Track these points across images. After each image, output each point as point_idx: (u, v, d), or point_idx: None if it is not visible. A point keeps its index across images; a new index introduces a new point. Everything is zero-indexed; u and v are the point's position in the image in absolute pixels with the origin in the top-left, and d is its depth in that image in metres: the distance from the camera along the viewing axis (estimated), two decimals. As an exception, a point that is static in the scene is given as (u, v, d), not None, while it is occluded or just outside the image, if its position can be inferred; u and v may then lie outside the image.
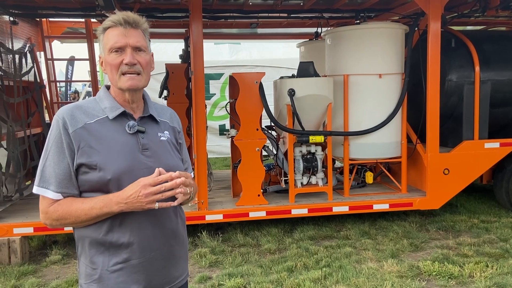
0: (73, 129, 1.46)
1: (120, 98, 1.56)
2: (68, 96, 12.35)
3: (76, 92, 13.36)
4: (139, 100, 1.60)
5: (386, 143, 5.20)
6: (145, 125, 1.57)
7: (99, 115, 1.52)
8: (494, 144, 5.21)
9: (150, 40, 1.63)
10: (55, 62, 6.79)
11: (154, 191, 1.40)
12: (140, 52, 1.52)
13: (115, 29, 1.50)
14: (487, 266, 3.96)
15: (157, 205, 1.42)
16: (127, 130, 1.52)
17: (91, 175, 1.46)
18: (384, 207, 5.05)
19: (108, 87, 1.60)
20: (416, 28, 5.27)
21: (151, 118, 1.61)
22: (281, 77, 5.19)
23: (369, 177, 5.41)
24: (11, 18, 5.40)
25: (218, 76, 9.38)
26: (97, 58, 6.51)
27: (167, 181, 1.43)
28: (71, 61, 8.84)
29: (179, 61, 6.53)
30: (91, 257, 1.51)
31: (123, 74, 1.50)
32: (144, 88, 1.61)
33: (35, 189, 1.48)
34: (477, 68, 5.26)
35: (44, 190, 1.47)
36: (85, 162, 1.45)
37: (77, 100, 12.53)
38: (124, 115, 1.54)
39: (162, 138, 1.60)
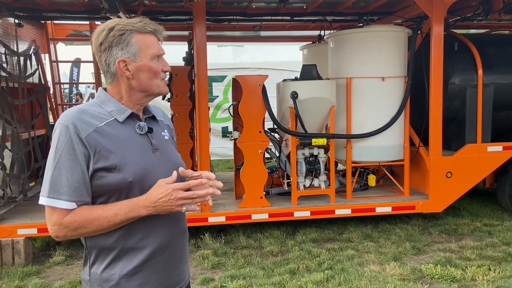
0: (86, 133, 1.42)
1: (133, 101, 1.54)
2: (72, 97, 12.41)
3: (79, 93, 13.39)
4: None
5: (389, 146, 5.21)
6: (150, 125, 1.58)
7: (107, 118, 1.49)
8: (497, 148, 5.21)
9: None
10: (59, 64, 6.83)
11: (186, 196, 1.40)
12: None
13: (152, 37, 1.53)
14: (490, 269, 3.95)
15: (184, 208, 1.43)
16: (137, 131, 1.52)
17: (110, 178, 1.42)
18: (387, 210, 5.05)
19: (106, 90, 1.57)
20: (419, 31, 5.28)
21: (153, 118, 1.63)
22: (284, 80, 5.21)
23: (372, 180, 5.41)
24: (16, 21, 5.44)
25: (221, 79, 9.39)
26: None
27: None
28: (76, 63, 8.88)
29: (182, 63, 6.56)
30: (107, 264, 1.47)
31: (162, 79, 1.56)
32: None
33: (44, 201, 1.40)
34: (480, 72, 5.26)
35: (56, 201, 1.39)
36: (104, 166, 1.42)
37: (81, 102, 12.58)
38: (131, 117, 1.54)
39: (166, 137, 1.63)
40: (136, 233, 1.47)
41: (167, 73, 1.58)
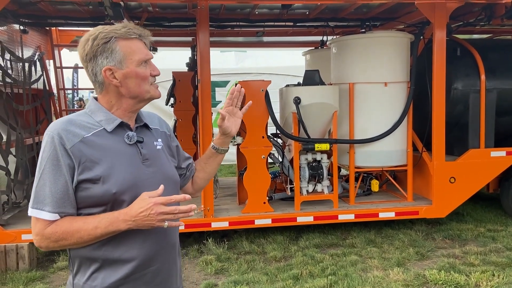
0: (71, 144, 1.38)
1: (124, 108, 1.50)
2: (74, 103, 12.47)
3: (81, 99, 13.45)
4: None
5: (392, 151, 5.21)
6: (141, 135, 1.53)
7: (95, 128, 1.45)
8: (500, 153, 5.20)
9: None
10: (63, 70, 6.88)
11: (167, 211, 1.34)
12: None
13: (138, 42, 1.49)
14: (494, 275, 3.94)
15: (166, 224, 1.36)
16: (126, 141, 1.47)
17: (94, 190, 1.39)
18: (390, 215, 5.04)
19: (96, 99, 1.53)
20: (421, 37, 5.29)
21: (145, 126, 1.58)
22: (287, 85, 5.23)
23: (375, 185, 5.40)
24: (21, 27, 5.49)
25: (224, 84, 9.44)
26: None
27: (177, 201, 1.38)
28: (76, 68, 8.94)
29: (185, 69, 6.60)
30: (88, 275, 1.44)
31: (151, 84, 1.52)
32: None
33: (30, 211, 1.39)
34: (483, 77, 5.27)
35: (39, 212, 1.37)
36: (87, 177, 1.38)
37: (83, 107, 12.62)
38: (121, 126, 1.49)
39: (158, 146, 1.57)
40: (120, 245, 1.42)
41: (163, 77, 1.57)
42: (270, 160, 5.45)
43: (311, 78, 5.09)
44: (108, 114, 1.48)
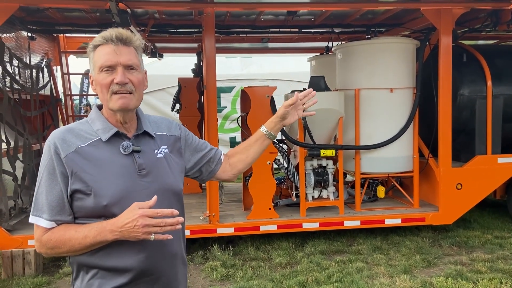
0: (65, 154, 1.39)
1: (112, 118, 1.48)
2: (81, 108, 12.54)
3: (88, 104, 13.53)
4: (131, 120, 1.51)
5: (398, 157, 5.19)
6: (140, 143, 1.49)
7: (92, 138, 1.44)
8: (507, 159, 5.17)
9: (142, 57, 1.57)
10: (70, 76, 6.93)
11: (153, 224, 1.30)
12: (132, 70, 1.44)
13: (106, 47, 1.41)
14: (501, 282, 3.90)
15: (153, 236, 1.32)
16: (121, 151, 1.44)
17: (86, 201, 1.39)
18: (396, 221, 5.01)
19: (100, 107, 1.53)
20: (427, 43, 5.29)
21: (147, 134, 1.53)
22: (292, 91, 5.22)
23: (381, 191, 5.38)
24: (29, 34, 5.55)
25: (229, 89, 9.47)
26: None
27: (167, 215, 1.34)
28: (87, 74, 9.01)
29: (191, 75, 6.63)
30: (86, 281, 1.44)
31: (114, 93, 1.42)
32: (156, 102, 1.57)
33: (30, 218, 1.42)
34: (489, 83, 5.25)
35: (37, 219, 1.40)
36: (79, 188, 1.38)
37: (89, 112, 12.68)
38: (117, 136, 1.46)
39: (159, 155, 1.52)
40: (114, 253, 1.41)
41: (129, 85, 1.44)
42: (275, 166, 5.44)
43: (317, 84, 5.09)
44: (105, 123, 1.47)
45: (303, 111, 1.81)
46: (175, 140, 1.62)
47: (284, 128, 5.18)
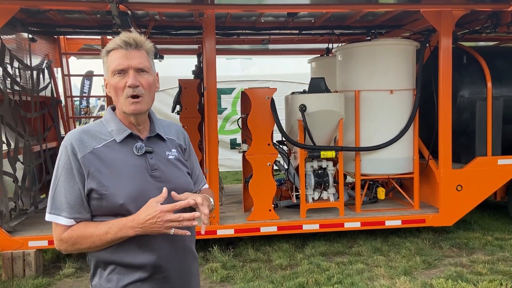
0: (82, 154, 1.46)
1: (126, 120, 1.55)
2: (81, 110, 12.56)
3: (88, 106, 13.55)
4: (144, 122, 1.58)
5: (398, 159, 5.19)
6: (152, 145, 1.56)
7: (106, 139, 1.51)
8: (507, 161, 5.17)
9: (154, 60, 1.62)
10: (70, 77, 6.94)
11: (173, 218, 1.39)
12: (143, 73, 1.51)
13: (118, 51, 1.49)
14: (501, 284, 3.90)
15: (172, 231, 1.41)
16: (135, 152, 1.51)
17: (102, 200, 1.45)
18: (397, 223, 5.01)
19: (114, 109, 1.59)
20: (427, 45, 5.29)
21: (158, 136, 1.60)
22: (293, 93, 5.24)
23: (381, 192, 5.38)
24: (30, 36, 5.56)
25: (229, 91, 9.47)
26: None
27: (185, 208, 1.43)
28: (88, 76, 9.03)
29: (192, 76, 6.63)
30: (104, 277, 1.50)
31: (128, 97, 1.49)
32: (157, 103, 1.60)
33: (47, 217, 1.48)
34: (489, 84, 5.25)
35: (56, 217, 1.47)
36: (95, 187, 1.45)
37: (89, 114, 12.72)
38: (131, 137, 1.53)
39: (170, 156, 1.59)
40: (136, 250, 1.47)
41: (140, 88, 1.49)
42: (275, 168, 5.44)
43: (317, 85, 5.10)
44: (119, 124, 1.54)
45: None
46: (182, 148, 1.69)
47: (284, 129, 5.19)
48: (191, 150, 1.75)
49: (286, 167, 5.32)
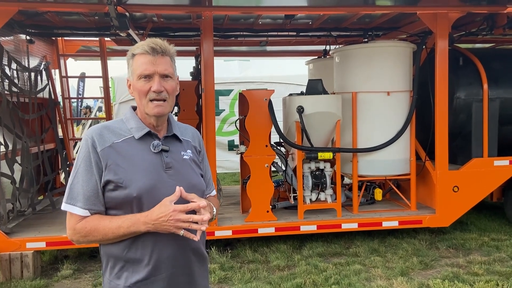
0: (101, 147, 1.53)
1: (146, 120, 1.62)
2: (80, 111, 12.55)
3: (88, 107, 13.56)
4: (163, 123, 1.65)
5: (395, 160, 5.22)
6: (169, 144, 1.62)
7: (126, 135, 1.58)
8: (503, 162, 5.20)
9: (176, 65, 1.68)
10: (68, 79, 6.94)
11: (183, 219, 1.44)
12: (167, 79, 1.57)
13: (145, 57, 1.55)
14: (498, 285, 3.92)
15: (182, 232, 1.46)
16: (151, 149, 1.58)
17: (118, 192, 1.51)
18: (394, 224, 5.04)
19: (134, 108, 1.67)
20: (423, 46, 5.32)
21: (175, 137, 1.66)
22: (290, 94, 5.26)
23: (378, 194, 5.40)
24: (28, 37, 5.56)
25: (227, 92, 9.49)
26: (111, 75, 6.59)
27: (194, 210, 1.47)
28: (81, 78, 9.02)
29: (189, 78, 6.65)
30: (114, 274, 1.55)
31: (151, 100, 1.56)
32: None
33: (63, 206, 1.53)
34: (486, 86, 5.28)
35: (72, 207, 1.51)
36: (112, 179, 1.51)
37: (89, 115, 12.73)
38: (149, 135, 1.60)
39: (185, 156, 1.65)
40: (145, 247, 1.52)
41: (164, 93, 1.56)
42: (273, 169, 5.46)
43: (314, 87, 5.12)
44: (139, 122, 1.61)
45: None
46: (197, 150, 1.75)
47: (282, 131, 5.21)
48: (205, 155, 1.80)
49: (283, 168, 5.33)
